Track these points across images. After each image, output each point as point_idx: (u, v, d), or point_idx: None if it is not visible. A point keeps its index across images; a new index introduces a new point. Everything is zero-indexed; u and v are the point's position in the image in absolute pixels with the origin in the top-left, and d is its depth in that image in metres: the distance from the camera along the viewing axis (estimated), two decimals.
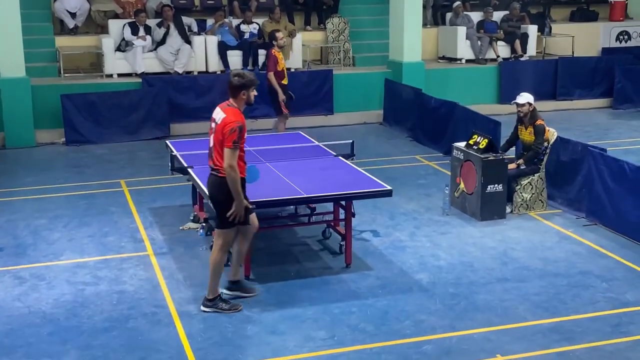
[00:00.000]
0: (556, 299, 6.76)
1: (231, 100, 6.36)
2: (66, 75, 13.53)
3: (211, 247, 7.66)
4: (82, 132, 12.59)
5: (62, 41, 14.28)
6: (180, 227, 8.46)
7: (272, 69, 11.34)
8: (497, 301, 6.71)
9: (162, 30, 13.75)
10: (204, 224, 8.17)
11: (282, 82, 11.45)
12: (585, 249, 7.92)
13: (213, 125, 6.35)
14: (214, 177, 6.36)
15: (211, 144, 6.38)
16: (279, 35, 11.54)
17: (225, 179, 6.20)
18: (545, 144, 9.00)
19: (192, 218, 8.57)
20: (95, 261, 7.64)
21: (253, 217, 6.60)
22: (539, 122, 8.95)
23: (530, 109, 8.97)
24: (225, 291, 6.70)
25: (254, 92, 6.39)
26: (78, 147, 12.36)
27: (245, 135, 6.30)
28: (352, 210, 7.39)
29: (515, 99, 9.06)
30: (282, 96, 11.32)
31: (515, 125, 9.26)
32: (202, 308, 6.52)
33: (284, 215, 8.46)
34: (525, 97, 9.01)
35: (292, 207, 8.31)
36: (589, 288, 6.99)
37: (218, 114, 6.34)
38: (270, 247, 7.92)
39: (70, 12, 14.50)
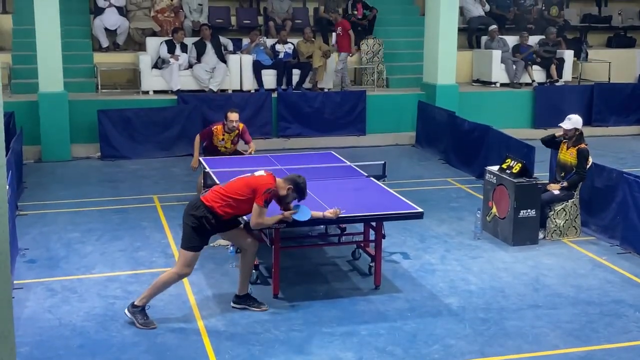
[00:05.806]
0: (588, 328, 6.65)
1: None
2: (103, 91, 13.74)
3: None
4: (117, 147, 12.76)
5: (100, 57, 14.52)
6: (211, 244, 8.48)
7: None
8: (528, 328, 6.62)
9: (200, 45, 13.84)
10: None
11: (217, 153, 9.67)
12: (619, 277, 7.80)
13: None
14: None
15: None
16: (231, 117, 9.50)
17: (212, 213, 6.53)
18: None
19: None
20: (126, 275, 7.70)
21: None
22: (582, 145, 8.83)
23: (577, 133, 8.85)
24: (233, 304, 6.93)
25: None
26: (113, 162, 12.51)
27: None
28: (383, 232, 7.36)
29: (562, 122, 8.90)
30: (194, 163, 9.58)
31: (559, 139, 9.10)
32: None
33: (314, 235, 8.45)
34: (572, 122, 8.84)
35: (322, 226, 8.31)
36: (622, 317, 6.87)
37: None
38: (299, 266, 7.91)
39: (109, 30, 14.77)
